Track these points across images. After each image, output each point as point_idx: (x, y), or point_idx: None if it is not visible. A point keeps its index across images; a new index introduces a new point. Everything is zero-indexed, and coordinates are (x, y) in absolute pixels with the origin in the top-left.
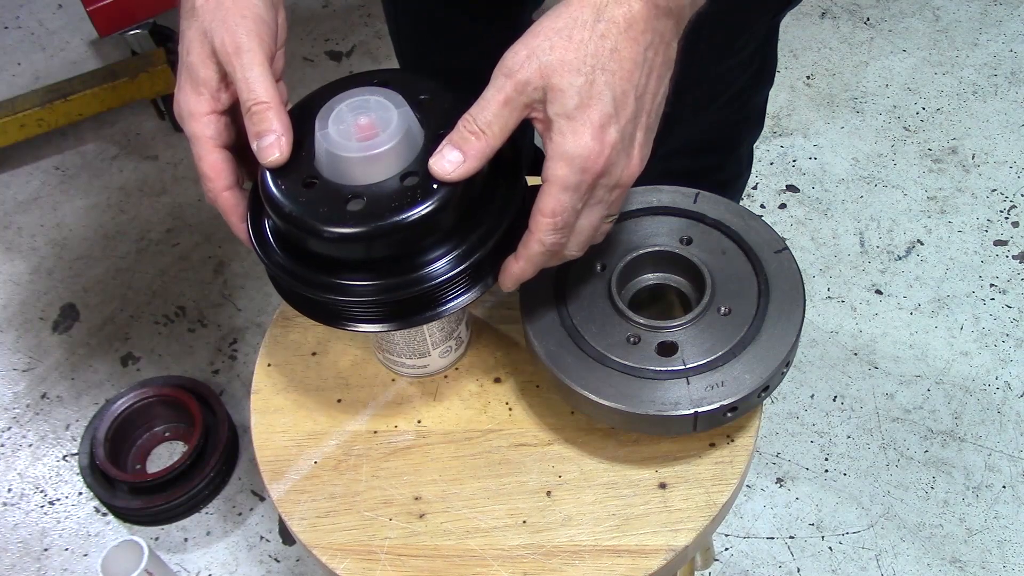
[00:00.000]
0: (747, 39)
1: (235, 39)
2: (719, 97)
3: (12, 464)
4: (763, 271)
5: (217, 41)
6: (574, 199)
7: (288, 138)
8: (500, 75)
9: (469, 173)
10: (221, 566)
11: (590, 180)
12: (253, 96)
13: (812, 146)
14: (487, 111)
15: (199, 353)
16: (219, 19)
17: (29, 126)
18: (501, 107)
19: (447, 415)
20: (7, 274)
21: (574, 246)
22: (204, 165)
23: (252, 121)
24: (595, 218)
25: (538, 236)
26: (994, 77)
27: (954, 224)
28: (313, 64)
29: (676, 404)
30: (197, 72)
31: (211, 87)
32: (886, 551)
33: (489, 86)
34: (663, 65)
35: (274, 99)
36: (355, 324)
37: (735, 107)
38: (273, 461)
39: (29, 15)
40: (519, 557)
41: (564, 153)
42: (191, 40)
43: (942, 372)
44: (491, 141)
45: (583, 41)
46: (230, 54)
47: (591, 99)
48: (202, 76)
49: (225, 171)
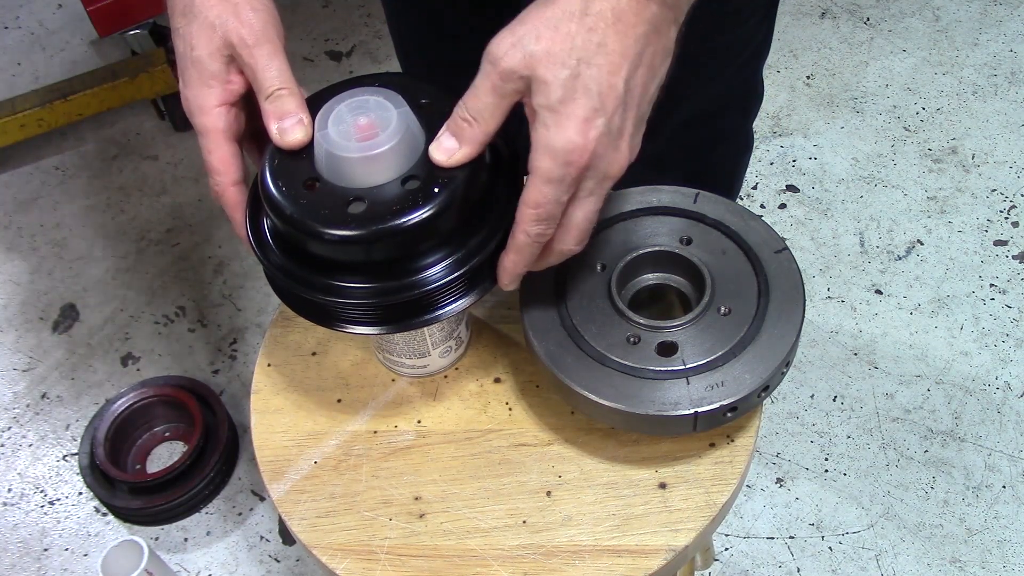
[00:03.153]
0: (754, 7)
1: (253, 31)
2: (728, 67)
3: (12, 464)
4: (763, 271)
5: (233, 35)
6: (558, 191)
7: (309, 120)
8: (486, 62)
9: (467, 159)
10: (221, 566)
11: (575, 173)
12: (275, 83)
13: (812, 146)
14: (477, 99)
15: (199, 353)
16: (229, 13)
17: (29, 126)
18: (489, 94)
19: (447, 415)
20: (7, 274)
21: (570, 240)
22: (214, 158)
23: (274, 105)
24: (589, 210)
25: (523, 227)
26: (994, 77)
27: (954, 224)
28: (313, 64)
29: (676, 404)
30: (206, 65)
31: (220, 79)
32: (886, 551)
33: (478, 73)
34: (656, 55)
35: (295, 87)
36: (353, 326)
37: (745, 75)
38: (273, 461)
39: (29, 15)
40: (519, 557)
41: (548, 146)
42: (195, 35)
43: (942, 372)
44: (484, 127)
45: (570, 34)
46: (250, 46)
47: (576, 92)
48: (212, 69)
49: (234, 165)
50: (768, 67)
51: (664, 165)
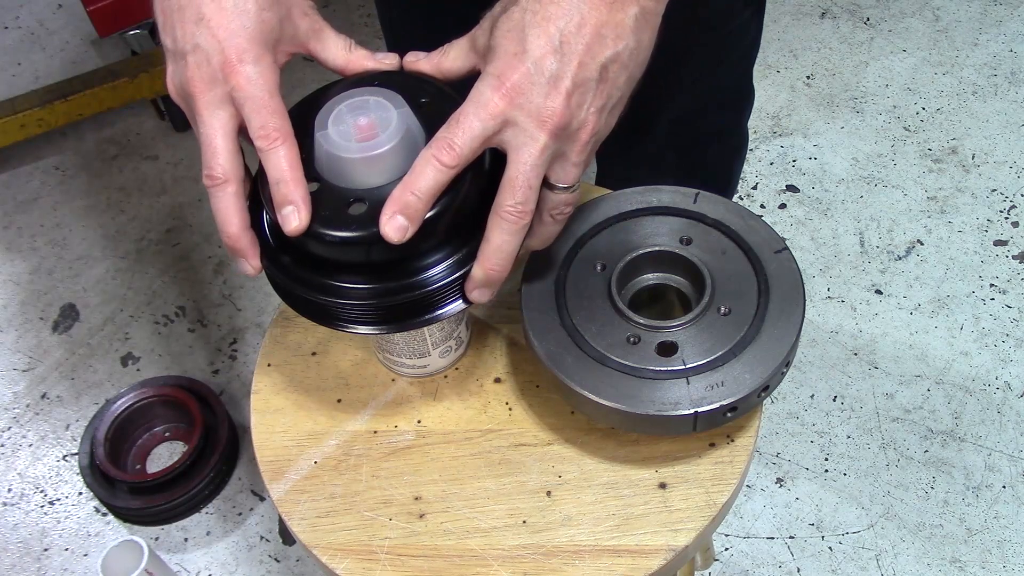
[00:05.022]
0: (746, 1)
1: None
2: (721, 63)
3: (12, 464)
4: (763, 271)
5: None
6: (483, 116)
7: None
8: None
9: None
10: (221, 566)
11: (501, 105)
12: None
13: (812, 146)
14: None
15: (199, 353)
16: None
17: (29, 126)
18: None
19: (447, 415)
20: (7, 274)
21: (506, 197)
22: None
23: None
24: (524, 165)
25: (433, 147)
26: (994, 77)
27: (954, 224)
28: (313, 64)
29: (676, 404)
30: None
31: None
32: (886, 551)
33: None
34: (605, 25)
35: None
36: (354, 326)
37: (737, 73)
38: (273, 461)
39: (29, 15)
40: (519, 557)
41: (485, 73)
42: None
43: (942, 372)
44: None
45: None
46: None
47: (510, 34)
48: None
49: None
50: (768, 67)
51: (659, 164)
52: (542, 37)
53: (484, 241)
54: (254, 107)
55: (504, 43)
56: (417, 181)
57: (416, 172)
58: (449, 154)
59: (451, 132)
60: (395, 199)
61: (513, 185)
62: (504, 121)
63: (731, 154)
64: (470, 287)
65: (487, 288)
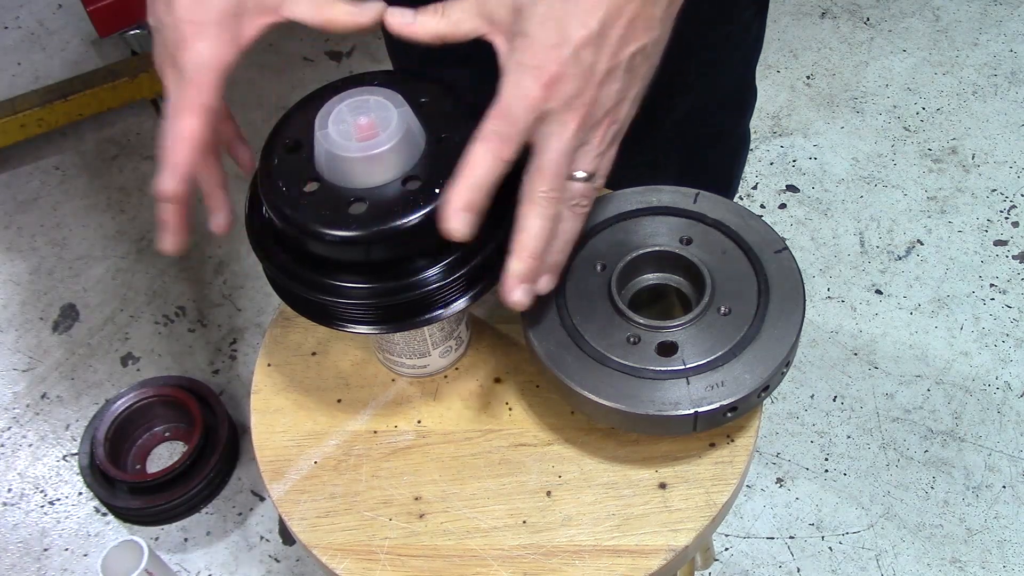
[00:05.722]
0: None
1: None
2: (725, 62)
3: (12, 464)
4: (763, 271)
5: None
6: (522, 107)
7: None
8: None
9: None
10: (221, 566)
11: (540, 93)
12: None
13: (812, 146)
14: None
15: (199, 353)
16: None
17: (29, 126)
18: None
19: (447, 415)
20: (7, 274)
21: (540, 181)
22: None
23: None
24: (559, 147)
25: (480, 137)
26: (994, 77)
27: (954, 224)
28: (313, 64)
29: (676, 404)
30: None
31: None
32: (886, 551)
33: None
34: (639, 18)
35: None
36: (354, 326)
37: (740, 72)
38: (273, 461)
39: (29, 15)
40: (519, 557)
41: (520, 64)
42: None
43: (942, 372)
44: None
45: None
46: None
47: (548, 21)
48: None
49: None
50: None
51: (660, 164)
52: (582, 29)
53: (519, 231)
54: (179, 81)
55: (540, 33)
56: (475, 174)
57: (473, 166)
58: (508, 147)
59: (501, 125)
60: (457, 195)
61: (544, 173)
62: (543, 112)
63: (732, 154)
64: (510, 286)
65: (528, 284)
